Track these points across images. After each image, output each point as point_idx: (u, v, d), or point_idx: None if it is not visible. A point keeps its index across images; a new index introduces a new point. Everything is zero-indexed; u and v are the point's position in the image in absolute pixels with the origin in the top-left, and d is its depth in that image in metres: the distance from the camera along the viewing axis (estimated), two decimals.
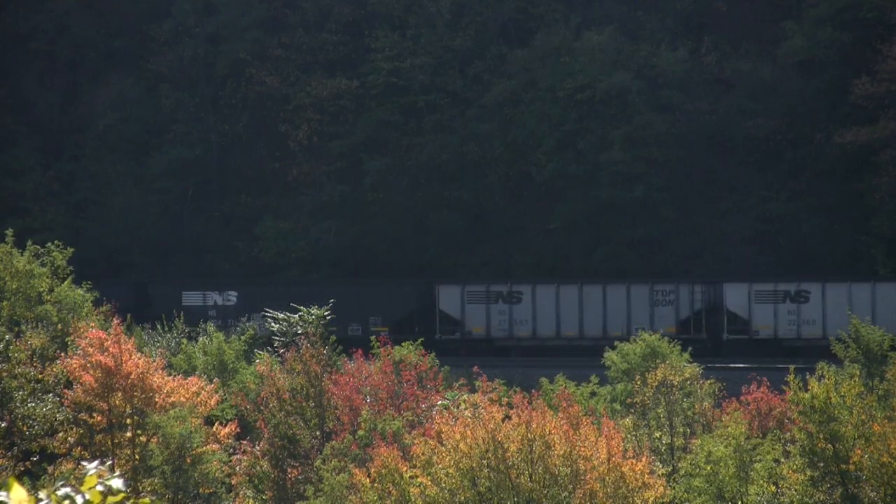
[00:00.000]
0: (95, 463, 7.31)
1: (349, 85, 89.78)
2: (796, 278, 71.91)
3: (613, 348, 50.33)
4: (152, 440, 39.83)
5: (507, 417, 35.35)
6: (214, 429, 42.03)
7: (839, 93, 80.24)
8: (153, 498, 38.11)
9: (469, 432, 34.44)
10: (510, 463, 33.94)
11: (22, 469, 38.58)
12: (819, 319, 70.16)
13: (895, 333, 49.05)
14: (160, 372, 42.84)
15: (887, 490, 35.58)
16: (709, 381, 45.86)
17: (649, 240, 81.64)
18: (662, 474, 38.47)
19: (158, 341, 54.25)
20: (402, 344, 48.05)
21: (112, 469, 38.68)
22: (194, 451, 39.09)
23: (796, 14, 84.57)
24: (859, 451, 36.28)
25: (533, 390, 43.35)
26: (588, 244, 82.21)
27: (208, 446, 40.03)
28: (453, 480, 34.02)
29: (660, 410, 44.37)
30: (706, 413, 44.61)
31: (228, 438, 42.48)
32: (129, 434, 41.19)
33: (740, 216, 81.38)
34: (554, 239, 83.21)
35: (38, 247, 50.23)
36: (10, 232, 49.52)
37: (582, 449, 34.10)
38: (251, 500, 41.80)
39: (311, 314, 52.35)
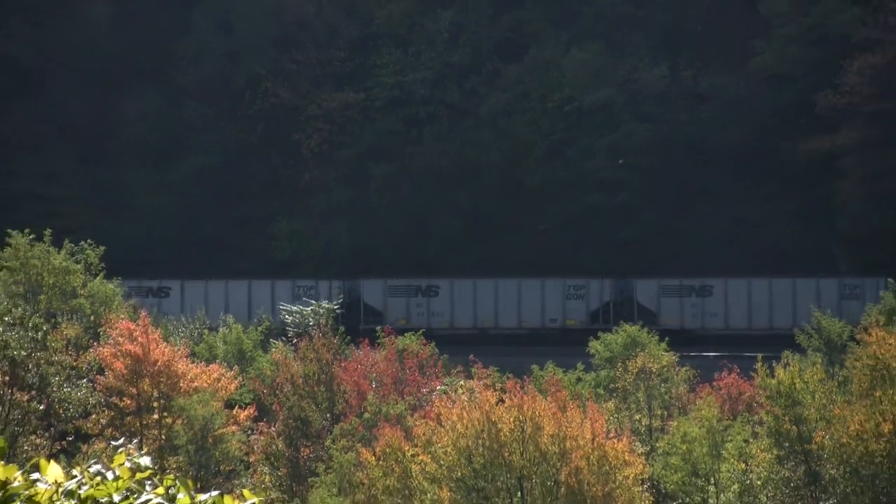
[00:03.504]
0: (122, 440, 7.52)
1: (356, 97, 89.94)
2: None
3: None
4: (177, 422, 40.03)
5: (501, 401, 35.55)
6: (234, 412, 42.23)
7: (805, 105, 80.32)
8: (178, 474, 38.40)
9: (466, 414, 34.68)
10: (503, 442, 34.16)
11: (58, 448, 38.79)
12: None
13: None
14: (184, 360, 43.09)
15: (846, 468, 35.79)
16: (684, 368, 46.06)
17: (632, 240, 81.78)
18: (642, 453, 38.72)
19: (182, 332, 54.51)
20: (405, 334, 48.35)
21: (140, 448, 39.00)
22: (216, 432, 39.33)
23: (766, 33, 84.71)
24: (821, 433, 36.50)
25: (524, 376, 43.56)
26: (576, 244, 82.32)
27: (228, 427, 40.26)
28: (451, 458, 34.25)
29: (639, 395, 44.61)
30: (682, 397, 44.82)
31: (246, 420, 42.69)
32: (156, 416, 41.43)
33: (716, 218, 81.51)
34: (545, 239, 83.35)
35: (72, 245, 50.42)
36: (47, 232, 49.70)
37: (569, 430, 34.32)
38: (267, 477, 42.06)
39: (322, 307, 52.69)
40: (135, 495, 5.30)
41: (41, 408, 37.82)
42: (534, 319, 74.26)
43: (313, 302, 57.95)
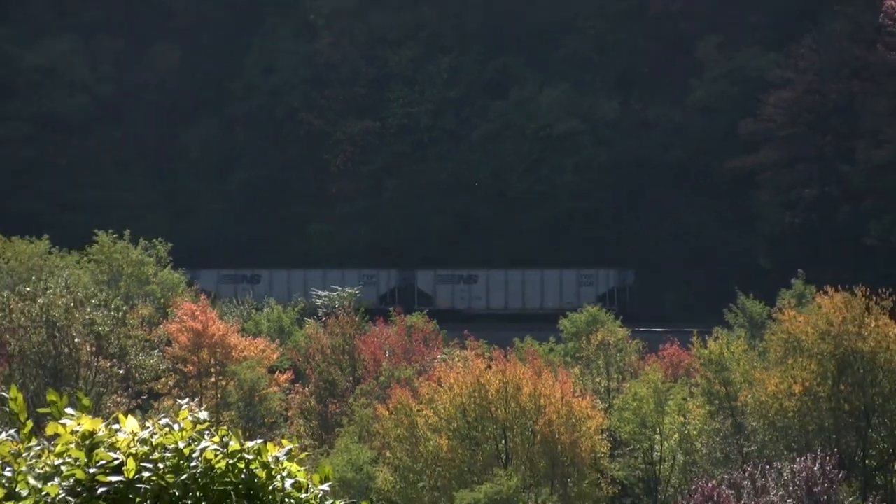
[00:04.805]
0: (186, 399, 7.52)
1: (373, 125, 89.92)
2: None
3: None
4: (230, 384, 40.04)
5: (489, 367, 35.57)
6: (275, 376, 42.22)
7: (731, 130, 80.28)
8: (230, 426, 38.26)
9: (461, 378, 34.69)
10: (490, 400, 34.18)
11: (135, 405, 38.75)
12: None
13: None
14: (235, 334, 43.07)
15: (765, 421, 35.83)
16: (635, 341, 46.04)
17: (594, 239, 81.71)
18: (601, 409, 38.74)
19: (234, 311, 54.33)
20: (413, 313, 48.26)
21: (200, 405, 38.87)
22: (261, 392, 39.33)
23: (700, 73, 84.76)
24: (745, 393, 36.54)
25: (508, 347, 43.54)
26: (550, 242, 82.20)
27: (271, 388, 40.25)
28: (449, 413, 34.27)
29: (599, 362, 44.56)
30: (633, 364, 44.82)
31: (285, 383, 42.67)
32: (213, 379, 41.43)
33: (661, 222, 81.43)
34: (525, 238, 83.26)
35: (146, 242, 50.44)
36: (126, 232, 49.79)
37: (543, 390, 34.34)
38: (302, 428, 42.02)
39: (346, 291, 52.59)
40: (196, 442, 5.28)
41: (121, 372, 37.79)
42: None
43: (338, 288, 57.75)
